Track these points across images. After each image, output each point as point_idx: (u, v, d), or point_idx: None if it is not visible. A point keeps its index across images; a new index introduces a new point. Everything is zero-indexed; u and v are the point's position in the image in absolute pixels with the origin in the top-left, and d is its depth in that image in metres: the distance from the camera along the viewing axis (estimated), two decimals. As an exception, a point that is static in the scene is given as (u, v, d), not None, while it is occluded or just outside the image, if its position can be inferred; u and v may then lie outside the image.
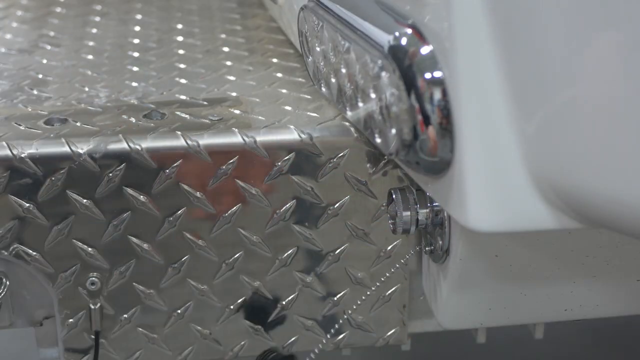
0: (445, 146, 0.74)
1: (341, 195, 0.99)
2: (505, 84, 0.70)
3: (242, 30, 1.35)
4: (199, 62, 1.21)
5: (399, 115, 0.76)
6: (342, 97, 0.92)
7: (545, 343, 1.36)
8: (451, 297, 0.94)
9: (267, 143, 0.97)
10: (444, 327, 0.99)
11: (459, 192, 0.74)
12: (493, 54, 0.70)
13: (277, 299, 1.03)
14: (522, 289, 0.95)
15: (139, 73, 1.18)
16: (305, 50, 1.02)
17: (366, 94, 0.83)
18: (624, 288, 0.97)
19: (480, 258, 0.90)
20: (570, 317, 0.98)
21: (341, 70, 0.89)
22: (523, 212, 0.74)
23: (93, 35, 1.33)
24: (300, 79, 1.13)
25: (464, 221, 0.75)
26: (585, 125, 0.66)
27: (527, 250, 0.91)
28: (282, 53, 1.24)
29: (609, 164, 0.66)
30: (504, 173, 0.73)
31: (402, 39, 0.75)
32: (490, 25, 0.70)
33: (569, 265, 0.93)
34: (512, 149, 0.72)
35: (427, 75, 0.73)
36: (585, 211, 0.71)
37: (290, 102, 1.06)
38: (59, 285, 0.99)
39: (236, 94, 1.09)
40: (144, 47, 1.28)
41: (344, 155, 0.98)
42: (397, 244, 1.02)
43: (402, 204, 0.91)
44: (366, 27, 0.82)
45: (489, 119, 0.72)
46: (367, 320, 1.05)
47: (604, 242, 0.91)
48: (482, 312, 0.97)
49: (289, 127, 0.98)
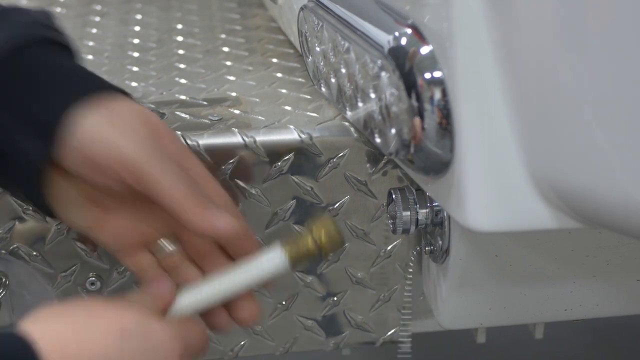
0: (445, 146, 0.74)
1: (341, 195, 0.99)
2: (505, 83, 0.70)
3: (242, 30, 1.35)
4: (199, 62, 1.21)
5: (398, 115, 0.76)
6: (341, 97, 0.92)
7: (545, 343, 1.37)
8: (451, 297, 0.94)
9: (267, 143, 0.97)
10: (444, 327, 0.99)
11: (458, 192, 0.74)
12: (493, 54, 0.70)
13: (277, 299, 1.03)
14: (522, 289, 0.95)
15: (139, 73, 1.18)
16: (305, 50, 1.02)
17: (366, 94, 0.83)
18: (624, 288, 0.97)
19: (480, 258, 0.90)
20: (570, 317, 0.98)
21: (341, 70, 0.89)
22: (523, 212, 0.74)
23: (93, 35, 1.33)
24: (300, 79, 1.13)
25: (463, 221, 0.75)
26: (586, 125, 0.66)
27: (527, 250, 0.91)
28: (282, 53, 1.24)
29: (609, 163, 0.66)
30: (503, 173, 0.73)
31: (402, 39, 0.75)
32: (490, 25, 0.70)
33: (569, 265, 0.93)
34: (511, 148, 0.72)
35: (426, 75, 0.73)
36: (585, 211, 0.71)
37: (290, 102, 1.06)
38: (59, 285, 0.99)
39: (236, 94, 1.09)
40: (143, 47, 1.28)
41: (344, 155, 0.98)
42: (397, 244, 1.02)
43: (402, 204, 0.91)
44: (366, 27, 0.82)
45: (488, 118, 0.72)
46: (367, 320, 1.05)
47: (604, 242, 0.91)
48: (482, 312, 0.97)
49: (288, 127, 0.98)
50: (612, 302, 0.98)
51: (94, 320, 0.72)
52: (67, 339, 0.70)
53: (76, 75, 0.84)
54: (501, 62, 0.70)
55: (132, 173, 0.78)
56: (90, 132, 0.79)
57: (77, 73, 0.84)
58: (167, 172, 0.79)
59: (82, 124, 0.79)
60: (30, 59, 0.82)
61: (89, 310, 0.73)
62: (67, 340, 0.70)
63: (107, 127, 0.79)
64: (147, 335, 0.73)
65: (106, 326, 0.72)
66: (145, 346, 0.73)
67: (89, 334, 0.71)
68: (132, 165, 0.78)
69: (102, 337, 0.71)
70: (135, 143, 0.79)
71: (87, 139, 0.79)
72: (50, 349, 0.68)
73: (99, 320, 0.72)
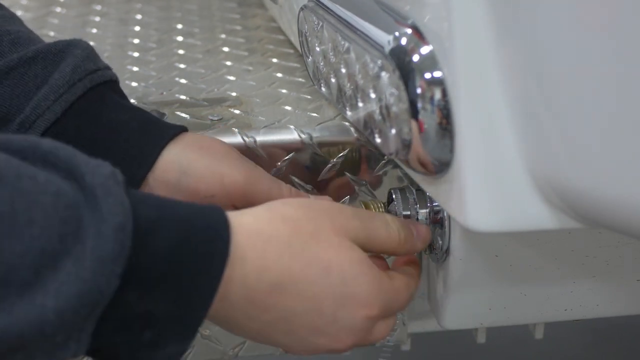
0: (445, 146, 0.74)
1: (341, 195, 0.99)
2: (505, 83, 0.70)
3: (242, 30, 1.35)
4: (199, 62, 1.21)
5: (398, 115, 0.76)
6: (342, 97, 0.92)
7: (545, 343, 1.36)
8: (451, 297, 0.94)
9: (267, 143, 0.97)
10: (444, 327, 0.99)
11: (458, 192, 0.74)
12: (493, 54, 0.70)
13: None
14: (522, 289, 0.95)
15: (139, 73, 1.18)
16: (305, 50, 1.02)
17: (366, 94, 0.83)
18: (624, 288, 0.97)
19: (480, 258, 0.90)
20: (570, 317, 0.98)
21: (341, 70, 0.89)
22: (523, 212, 0.74)
23: (93, 35, 1.33)
24: (300, 79, 1.13)
25: (463, 221, 0.75)
26: (586, 125, 0.66)
27: (527, 250, 0.91)
28: (282, 53, 1.24)
29: (610, 163, 0.66)
30: (503, 173, 0.73)
31: (402, 39, 0.75)
32: (490, 25, 0.70)
33: (569, 265, 0.93)
34: (512, 148, 0.72)
35: (427, 75, 0.73)
36: (585, 211, 0.71)
37: (290, 102, 1.06)
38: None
39: (236, 94, 1.09)
40: (143, 47, 1.28)
41: (344, 155, 0.98)
42: (397, 244, 1.01)
43: (402, 204, 0.91)
44: (366, 27, 0.82)
45: (489, 118, 0.72)
46: (367, 320, 1.05)
47: (604, 242, 0.91)
48: (482, 312, 0.97)
49: (289, 127, 0.98)
50: (612, 302, 0.98)
51: (310, 243, 0.73)
52: (266, 251, 0.71)
53: (147, 116, 0.88)
54: (501, 62, 0.70)
55: (243, 194, 0.84)
56: (185, 166, 0.83)
57: (145, 113, 0.88)
58: (269, 181, 0.86)
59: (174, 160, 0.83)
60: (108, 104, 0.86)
61: (314, 231, 0.74)
62: (266, 252, 0.71)
63: (202, 158, 0.84)
64: (350, 282, 0.74)
65: (316, 255, 0.73)
66: (343, 291, 0.73)
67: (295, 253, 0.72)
68: (241, 187, 0.84)
69: (304, 265, 0.72)
70: (230, 167, 0.84)
71: (182, 172, 0.83)
72: (244, 242, 0.69)
73: (313, 247, 0.73)
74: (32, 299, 0.59)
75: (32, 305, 0.59)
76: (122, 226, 0.63)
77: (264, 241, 0.71)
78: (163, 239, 0.66)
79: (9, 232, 0.59)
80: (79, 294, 0.60)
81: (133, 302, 0.65)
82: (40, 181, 0.61)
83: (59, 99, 0.82)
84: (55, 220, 0.61)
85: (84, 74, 0.84)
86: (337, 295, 0.73)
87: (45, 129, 0.82)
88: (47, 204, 0.61)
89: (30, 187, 0.61)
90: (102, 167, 0.65)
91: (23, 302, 0.59)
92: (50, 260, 0.60)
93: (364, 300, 0.74)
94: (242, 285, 0.69)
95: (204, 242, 0.67)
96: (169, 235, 0.66)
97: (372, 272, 0.75)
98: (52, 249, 0.60)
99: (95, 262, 0.61)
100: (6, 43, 0.85)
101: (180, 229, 0.66)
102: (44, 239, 0.60)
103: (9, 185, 0.60)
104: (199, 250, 0.67)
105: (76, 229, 0.61)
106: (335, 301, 0.73)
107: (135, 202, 0.65)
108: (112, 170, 0.65)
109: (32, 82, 0.83)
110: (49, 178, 0.62)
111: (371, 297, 0.74)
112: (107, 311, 0.63)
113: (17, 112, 0.82)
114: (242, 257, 0.69)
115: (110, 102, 0.86)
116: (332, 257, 0.73)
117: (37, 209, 0.60)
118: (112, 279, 0.62)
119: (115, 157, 0.80)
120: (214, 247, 0.68)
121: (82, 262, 0.61)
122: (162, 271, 0.65)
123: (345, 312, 0.74)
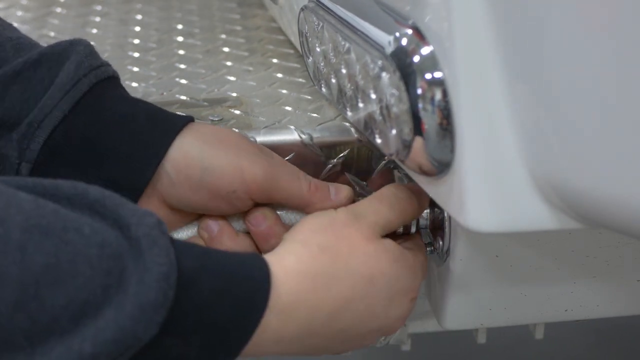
0: (445, 147, 0.74)
1: (341, 196, 0.99)
2: (505, 84, 0.70)
3: (242, 31, 1.35)
4: (199, 62, 1.21)
5: (399, 116, 0.76)
6: (342, 98, 0.92)
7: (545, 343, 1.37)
8: (451, 297, 0.94)
9: (267, 143, 0.97)
10: (444, 327, 0.99)
11: (459, 193, 0.74)
12: (494, 54, 0.70)
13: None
14: (522, 289, 0.95)
15: (139, 73, 1.18)
16: (306, 51, 1.02)
17: (366, 94, 0.83)
18: (625, 288, 0.97)
19: (481, 258, 0.90)
20: (570, 318, 0.98)
21: (341, 70, 0.89)
22: (523, 212, 0.74)
23: (93, 35, 1.33)
24: (301, 79, 1.13)
25: (463, 222, 0.75)
26: (586, 125, 0.66)
27: (527, 250, 0.91)
28: (282, 53, 1.24)
29: (610, 163, 0.66)
30: (504, 173, 0.73)
31: (402, 39, 0.75)
32: (490, 25, 0.70)
33: (569, 265, 0.93)
34: (512, 149, 0.72)
35: (427, 76, 0.73)
36: (585, 211, 0.71)
37: (291, 103, 1.06)
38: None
39: (236, 95, 1.09)
40: (144, 48, 1.28)
41: (344, 155, 0.98)
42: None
43: (403, 204, 0.91)
44: (366, 27, 0.82)
45: (489, 119, 0.72)
46: (368, 321, 1.05)
47: (604, 242, 0.91)
48: (483, 313, 0.97)
49: (289, 127, 0.98)
50: (612, 303, 0.98)
51: (351, 264, 0.76)
52: (317, 289, 0.74)
53: (154, 107, 0.87)
54: (502, 62, 0.70)
55: (262, 189, 0.83)
56: (207, 162, 0.82)
57: (151, 107, 0.87)
58: (288, 176, 0.85)
59: (194, 155, 0.82)
60: (112, 98, 0.85)
61: (350, 249, 0.77)
62: (317, 289, 0.74)
63: (224, 154, 0.83)
64: (394, 282, 0.79)
65: (358, 272, 0.76)
66: (390, 291, 0.79)
67: (341, 279, 0.75)
68: (260, 182, 0.83)
69: (351, 286, 0.76)
70: (250, 161, 0.83)
71: (203, 168, 0.82)
72: (294, 287, 0.72)
73: (354, 265, 0.76)
74: (71, 344, 0.61)
75: (70, 350, 0.61)
76: (167, 276, 0.64)
77: (312, 279, 0.74)
78: (204, 290, 0.68)
79: (54, 283, 0.60)
80: (116, 339, 0.62)
81: (168, 346, 0.67)
82: (85, 233, 0.63)
83: (65, 96, 0.82)
84: (99, 271, 0.62)
85: (88, 70, 0.84)
86: (386, 297, 0.78)
87: (53, 127, 0.81)
88: (92, 256, 0.63)
89: (76, 239, 0.62)
90: (147, 217, 0.66)
91: (63, 346, 0.61)
92: (92, 310, 0.62)
93: (407, 288, 0.80)
94: (274, 332, 0.72)
95: (243, 294, 0.70)
96: (209, 287, 0.68)
97: (404, 259, 0.80)
98: (95, 299, 0.62)
99: (135, 309, 0.63)
100: (9, 49, 0.85)
101: (221, 279, 0.69)
102: (87, 290, 0.62)
103: (56, 237, 0.61)
104: (238, 301, 0.69)
105: (119, 279, 0.63)
106: (385, 302, 0.78)
107: (178, 252, 0.67)
108: (157, 220, 0.67)
109: (40, 84, 0.83)
110: (95, 228, 0.64)
111: (413, 284, 0.81)
112: (142, 351, 0.65)
113: (27, 115, 0.82)
114: (287, 301, 0.72)
115: (116, 96, 0.86)
116: (373, 267, 0.77)
117: (82, 261, 0.62)
118: (151, 326, 0.64)
119: (127, 148, 0.80)
120: (253, 298, 0.70)
121: (122, 309, 0.62)
122: (202, 320, 0.68)
123: (395, 306, 0.79)
